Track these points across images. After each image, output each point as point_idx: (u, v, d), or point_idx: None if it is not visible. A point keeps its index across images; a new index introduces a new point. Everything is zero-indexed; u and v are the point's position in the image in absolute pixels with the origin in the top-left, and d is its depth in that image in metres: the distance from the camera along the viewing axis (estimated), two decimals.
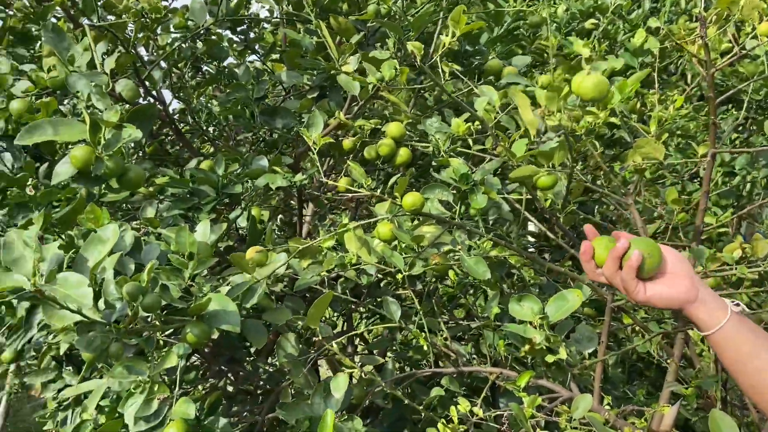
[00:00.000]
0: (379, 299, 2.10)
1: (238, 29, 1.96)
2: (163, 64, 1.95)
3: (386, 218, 1.20)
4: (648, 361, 1.96)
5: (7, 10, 1.84)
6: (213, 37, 1.95)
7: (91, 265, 0.95)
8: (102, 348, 0.95)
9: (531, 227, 2.02)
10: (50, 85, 1.54)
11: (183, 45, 1.90)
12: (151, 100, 1.84)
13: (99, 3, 1.59)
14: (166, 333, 1.23)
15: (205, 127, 2.49)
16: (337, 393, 1.08)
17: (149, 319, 1.12)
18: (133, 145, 2.01)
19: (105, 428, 1.15)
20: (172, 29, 1.85)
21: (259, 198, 2.21)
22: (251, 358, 2.01)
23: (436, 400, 1.41)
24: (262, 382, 1.92)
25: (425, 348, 1.34)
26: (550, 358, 1.07)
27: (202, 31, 1.81)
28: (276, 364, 2.09)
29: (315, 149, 1.28)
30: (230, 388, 2.04)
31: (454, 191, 1.27)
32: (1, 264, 0.93)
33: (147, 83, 1.73)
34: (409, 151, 1.38)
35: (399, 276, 1.19)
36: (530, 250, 2.09)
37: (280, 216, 2.59)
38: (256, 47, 2.03)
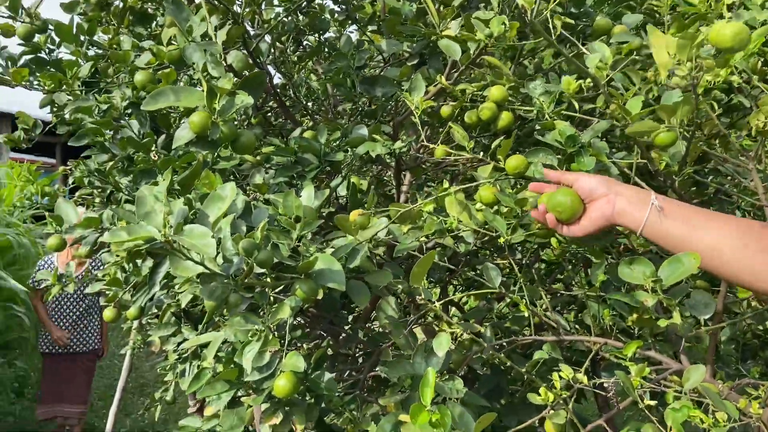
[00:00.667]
0: (476, 269, 2.09)
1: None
2: (267, 38, 2.02)
3: (488, 182, 1.19)
4: (764, 340, 1.84)
5: None
6: (315, 8, 2.00)
7: (212, 220, 1.01)
8: (222, 298, 1.02)
9: None
10: (167, 59, 1.64)
11: (286, 18, 1.96)
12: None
13: None
14: (276, 290, 1.30)
15: (304, 101, 2.57)
16: (439, 351, 1.10)
17: (261, 276, 1.18)
18: (241, 115, 2.11)
19: (223, 376, 1.24)
20: (275, 2, 1.91)
21: (357, 168, 2.26)
22: (350, 324, 2.08)
23: (536, 367, 1.40)
24: (361, 345, 1.98)
25: (526, 315, 1.33)
26: (662, 323, 1.03)
27: (304, 3, 1.86)
28: (374, 329, 2.15)
29: (417, 113, 1.29)
30: (329, 352, 2.12)
31: (559, 155, 1.24)
32: (135, 218, 1.02)
33: (255, 55, 1.81)
34: (512, 115, 1.36)
35: (501, 240, 1.19)
36: None
37: (373, 188, 2.64)
38: (356, 17, 2.05)
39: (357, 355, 2.01)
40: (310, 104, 2.66)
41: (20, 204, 6.95)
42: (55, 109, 1.93)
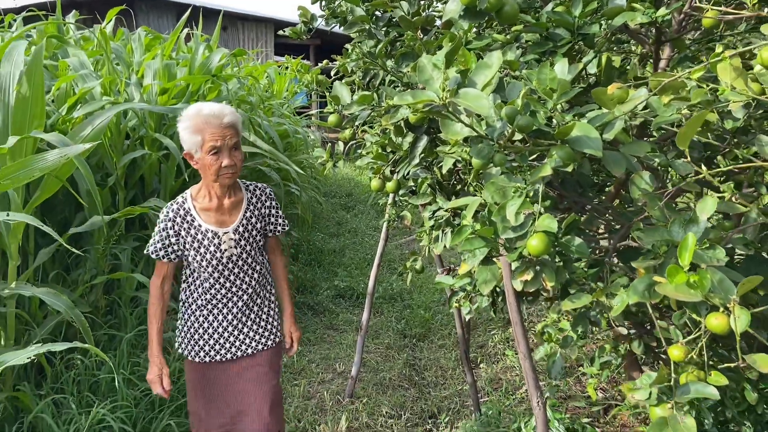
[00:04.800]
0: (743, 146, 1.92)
1: None
2: None
3: None
4: None
5: None
6: None
7: (480, 87, 1.11)
8: (489, 157, 1.14)
9: None
10: None
11: None
12: None
13: None
14: (531, 158, 1.38)
15: None
16: (703, 214, 1.09)
17: (520, 142, 1.27)
18: None
19: (481, 233, 1.38)
20: None
21: (609, 44, 2.16)
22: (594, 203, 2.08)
23: None
24: (603, 225, 1.99)
25: None
26: None
27: None
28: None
29: None
30: None
31: None
32: (417, 83, 1.17)
33: None
34: None
35: None
36: None
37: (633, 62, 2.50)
38: None
39: (600, 234, 2.03)
40: None
41: (286, 99, 7.97)
42: (325, 2, 2.18)
